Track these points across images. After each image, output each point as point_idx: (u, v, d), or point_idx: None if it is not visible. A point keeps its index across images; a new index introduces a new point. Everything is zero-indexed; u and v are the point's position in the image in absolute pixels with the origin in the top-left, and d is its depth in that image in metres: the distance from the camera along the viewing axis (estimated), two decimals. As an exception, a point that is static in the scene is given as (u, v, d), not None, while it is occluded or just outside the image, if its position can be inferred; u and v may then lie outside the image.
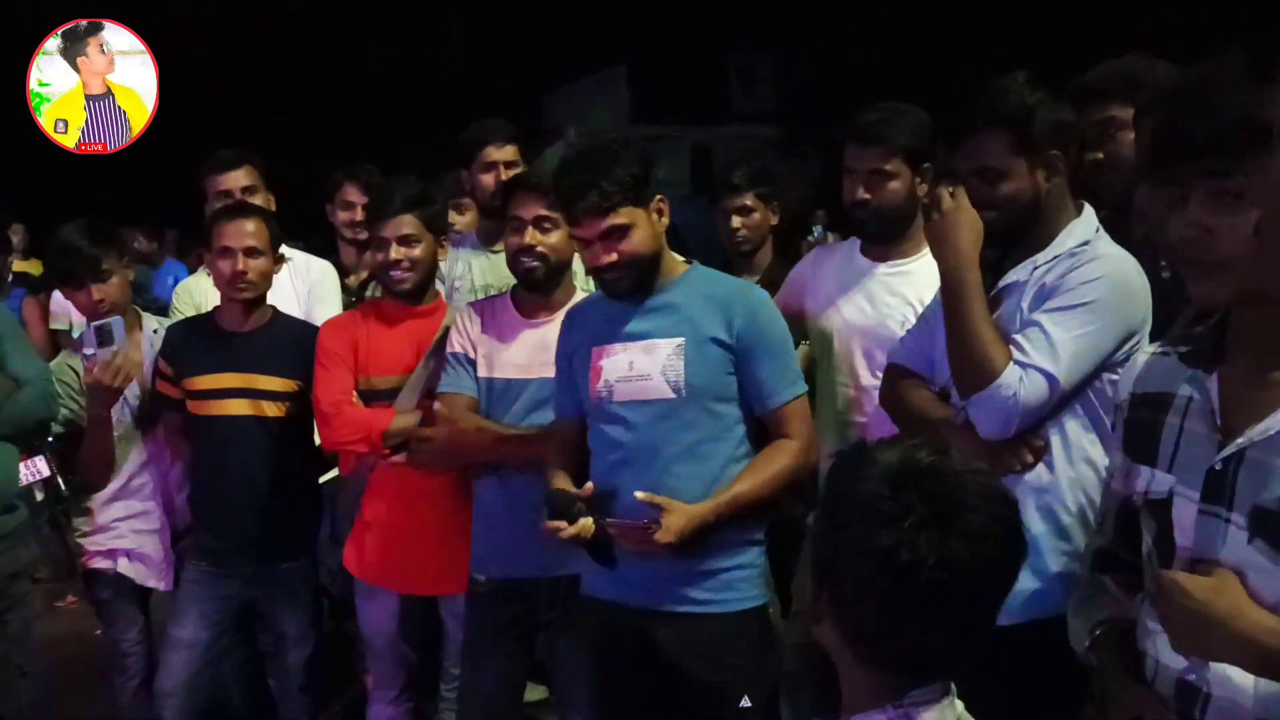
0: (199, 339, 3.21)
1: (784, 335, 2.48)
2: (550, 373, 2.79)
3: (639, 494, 2.29)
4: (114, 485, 3.27)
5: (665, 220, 2.47)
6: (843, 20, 16.53)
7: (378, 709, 3.18)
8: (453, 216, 4.10)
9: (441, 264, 3.29)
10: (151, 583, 3.32)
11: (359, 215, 3.99)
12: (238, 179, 3.71)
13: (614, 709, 2.52)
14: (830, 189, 2.84)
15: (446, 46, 18.03)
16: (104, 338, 3.05)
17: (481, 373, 2.84)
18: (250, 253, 3.10)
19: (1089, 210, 2.28)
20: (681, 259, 2.59)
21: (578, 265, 2.97)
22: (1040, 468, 2.18)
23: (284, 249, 3.66)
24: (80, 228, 3.26)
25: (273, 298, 3.29)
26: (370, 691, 3.22)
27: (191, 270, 6.49)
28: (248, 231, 3.11)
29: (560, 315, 2.84)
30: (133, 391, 3.24)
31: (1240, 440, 1.39)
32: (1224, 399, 1.44)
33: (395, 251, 2.97)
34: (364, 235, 3.92)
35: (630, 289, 2.44)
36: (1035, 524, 2.13)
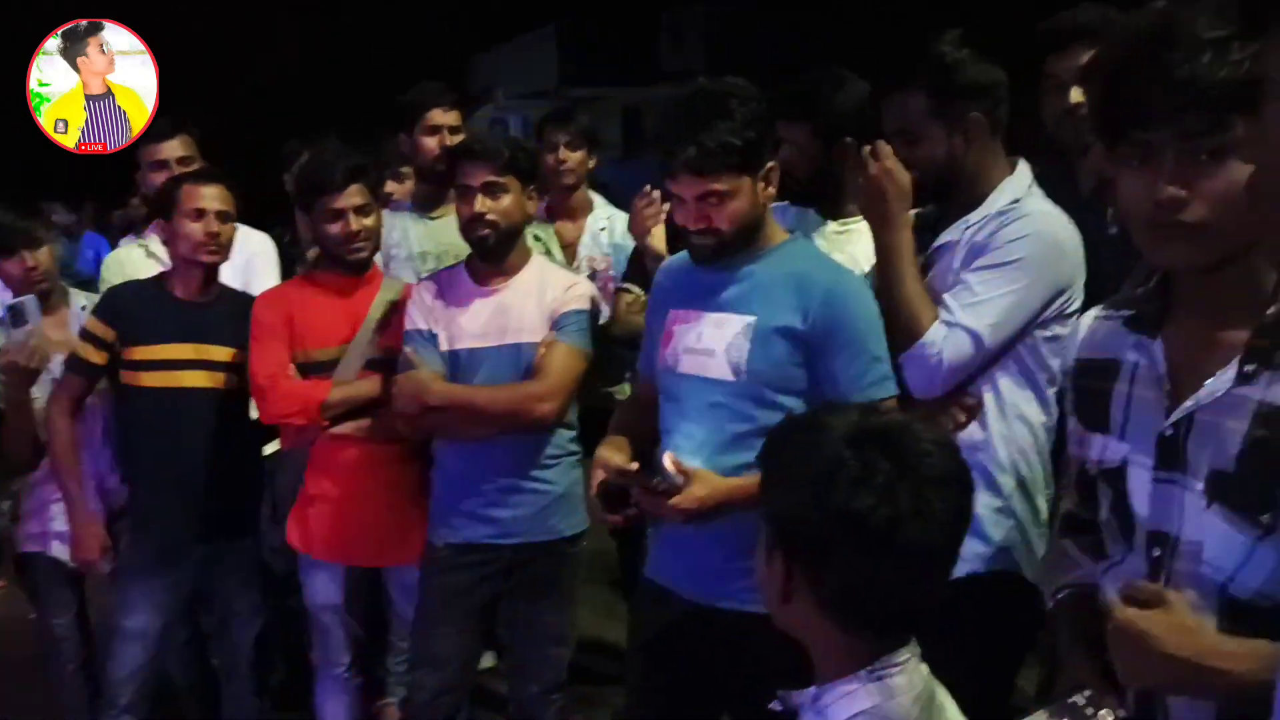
0: (151, 305, 3.07)
1: (870, 328, 2.19)
2: (509, 340, 2.77)
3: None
4: (44, 468, 3.18)
5: (772, 190, 2.24)
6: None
7: (324, 685, 3.15)
8: (391, 185, 4.02)
9: (379, 230, 3.22)
10: (86, 565, 3.24)
11: None
12: (174, 149, 3.61)
13: (646, 694, 2.42)
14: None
15: (372, 10, 17.68)
16: (17, 318, 2.96)
17: (443, 346, 2.80)
18: (221, 216, 3.02)
19: (1023, 167, 2.29)
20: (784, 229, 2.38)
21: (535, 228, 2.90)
22: (974, 425, 2.20)
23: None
24: None
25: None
26: (316, 668, 3.18)
27: (113, 244, 6.32)
28: (217, 194, 3.03)
29: (515, 280, 2.83)
30: (61, 370, 3.14)
31: (1189, 404, 1.37)
32: (1171, 363, 1.42)
33: (355, 222, 2.92)
34: None
35: (714, 257, 2.24)
36: None
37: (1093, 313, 1.63)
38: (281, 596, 3.43)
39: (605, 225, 3.82)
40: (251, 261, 3.64)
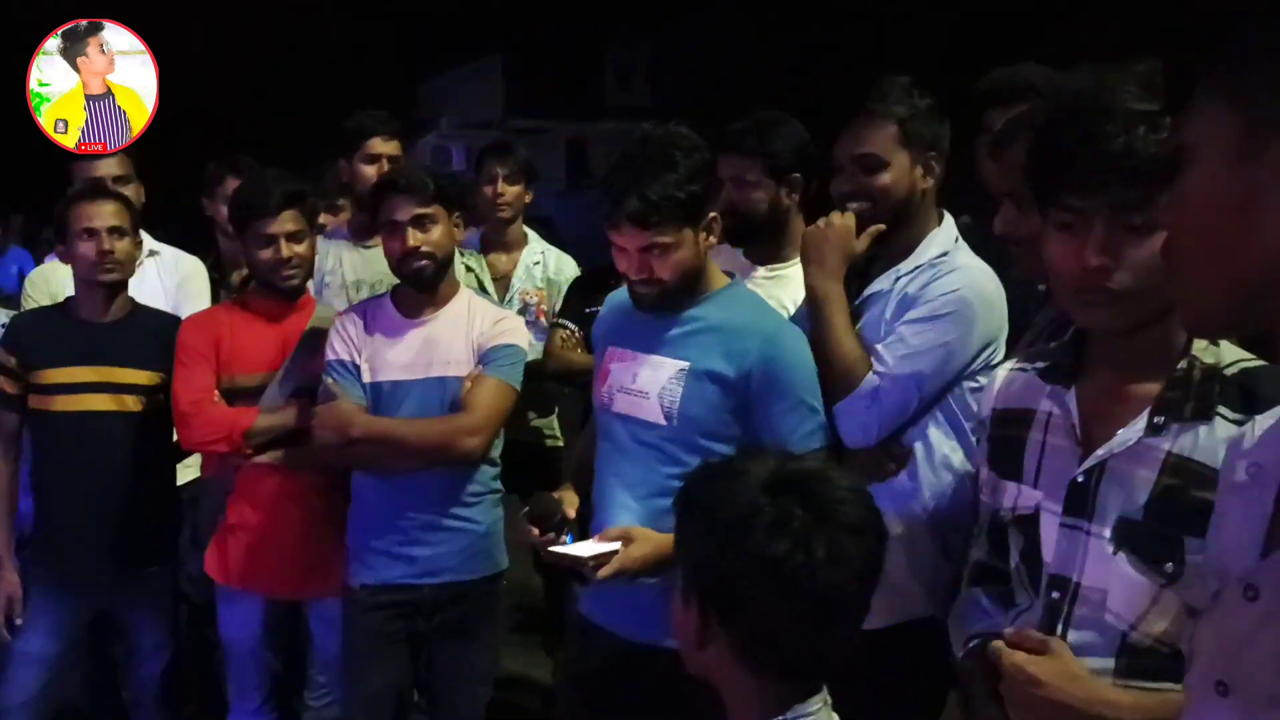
0: (53, 329, 3.01)
1: (805, 379, 2.18)
2: (435, 373, 2.74)
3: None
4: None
5: (713, 240, 2.25)
6: (720, 16, 16.70)
7: None
8: (325, 217, 3.99)
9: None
10: (-8, 592, 3.14)
11: None
12: (110, 167, 3.57)
13: None
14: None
15: (319, 33, 17.57)
16: None
17: (366, 378, 2.77)
18: (115, 232, 2.96)
19: (948, 220, 2.34)
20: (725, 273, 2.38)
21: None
22: (903, 475, 2.23)
23: (153, 244, 3.53)
24: None
25: (140, 294, 3.15)
26: (231, 702, 3.10)
27: (38, 260, 6.19)
28: (110, 211, 2.98)
29: (443, 313, 2.81)
30: None
31: (1100, 452, 1.41)
32: (1084, 413, 1.46)
33: (286, 249, 2.87)
34: None
35: (656, 304, 2.24)
36: (896, 529, 2.11)
37: (1008, 365, 1.67)
38: (199, 626, 3.35)
39: (539, 259, 3.83)
40: (183, 286, 3.60)
